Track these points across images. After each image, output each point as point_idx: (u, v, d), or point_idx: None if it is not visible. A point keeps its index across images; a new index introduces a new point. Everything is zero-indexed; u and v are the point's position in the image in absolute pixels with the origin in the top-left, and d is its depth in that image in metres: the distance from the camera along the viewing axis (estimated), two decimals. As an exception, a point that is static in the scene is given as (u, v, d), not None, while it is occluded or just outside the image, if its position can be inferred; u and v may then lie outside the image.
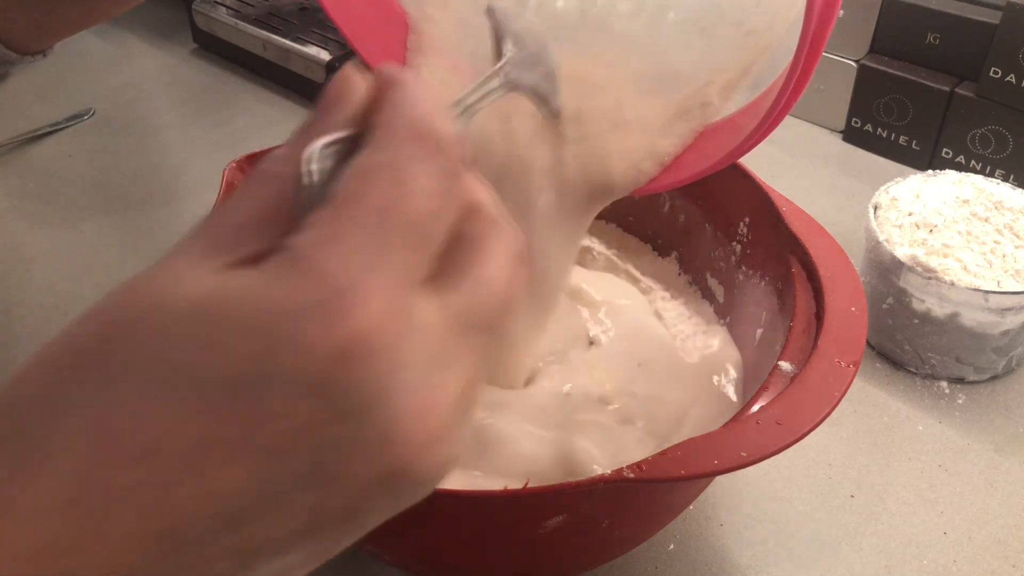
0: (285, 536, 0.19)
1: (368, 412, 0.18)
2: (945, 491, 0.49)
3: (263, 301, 0.18)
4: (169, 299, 0.18)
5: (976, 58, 0.68)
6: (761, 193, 0.49)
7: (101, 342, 0.18)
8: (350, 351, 0.18)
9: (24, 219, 0.71)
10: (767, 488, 0.49)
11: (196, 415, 0.18)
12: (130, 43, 0.96)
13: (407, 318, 0.19)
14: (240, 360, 0.18)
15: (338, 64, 0.80)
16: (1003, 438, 0.52)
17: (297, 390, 0.18)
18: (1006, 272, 0.52)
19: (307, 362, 0.18)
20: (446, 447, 0.20)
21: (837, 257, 0.44)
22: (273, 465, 0.18)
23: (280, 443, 0.18)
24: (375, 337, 0.18)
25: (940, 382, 0.55)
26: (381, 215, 0.19)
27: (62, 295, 0.63)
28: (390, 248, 0.19)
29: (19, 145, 0.78)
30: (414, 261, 0.19)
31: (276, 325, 0.18)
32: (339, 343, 0.18)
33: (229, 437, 0.18)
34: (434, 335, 0.19)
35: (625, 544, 0.43)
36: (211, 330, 0.18)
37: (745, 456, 0.34)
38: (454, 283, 0.20)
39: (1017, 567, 0.45)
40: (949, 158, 0.72)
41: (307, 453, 0.18)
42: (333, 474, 0.19)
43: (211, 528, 0.18)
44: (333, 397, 0.18)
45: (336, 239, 0.18)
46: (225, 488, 0.18)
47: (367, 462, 0.19)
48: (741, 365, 0.50)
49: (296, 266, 0.18)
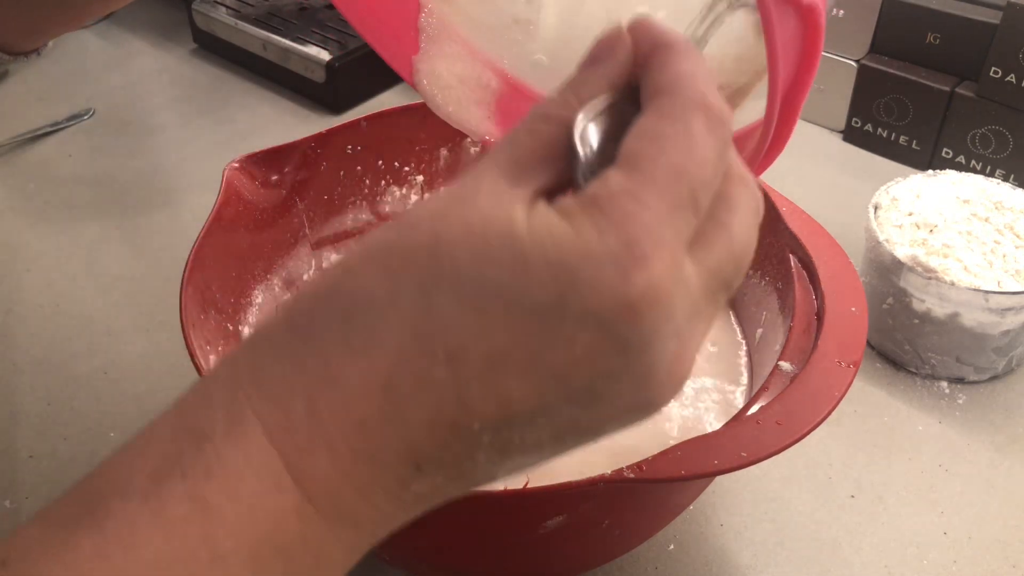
0: (541, 440, 0.22)
1: (640, 352, 0.21)
2: (945, 491, 0.49)
3: (571, 243, 0.20)
4: (489, 223, 0.21)
5: (976, 58, 0.68)
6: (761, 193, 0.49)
7: (428, 252, 0.21)
8: (639, 298, 0.20)
9: (24, 219, 0.71)
10: (767, 488, 0.49)
11: (500, 330, 0.20)
12: (130, 43, 0.96)
13: (681, 274, 0.21)
14: (546, 290, 0.20)
15: (337, 64, 0.80)
16: (1003, 438, 0.52)
17: (589, 324, 0.20)
18: (1006, 272, 0.52)
19: (602, 302, 0.20)
20: (682, 386, 0.23)
21: (837, 257, 0.44)
22: (554, 384, 0.21)
23: (565, 366, 0.21)
24: (660, 289, 0.20)
25: (940, 382, 0.55)
26: (674, 179, 0.21)
27: (62, 295, 0.63)
28: (679, 209, 0.21)
29: (19, 145, 0.78)
30: (693, 216, 0.21)
31: (581, 266, 0.20)
32: (631, 290, 0.20)
33: (523, 354, 0.21)
34: (694, 291, 0.21)
35: (625, 544, 0.43)
36: (526, 260, 0.20)
37: (745, 456, 0.34)
38: (711, 243, 0.22)
39: (1017, 567, 0.45)
40: (949, 158, 0.72)
41: (584, 378, 0.21)
42: (598, 399, 0.21)
43: (487, 427, 0.21)
44: (617, 335, 0.20)
45: (635, 196, 0.21)
46: (510, 396, 0.21)
47: (628, 393, 0.21)
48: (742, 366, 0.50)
49: (601, 214, 0.20)
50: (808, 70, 0.28)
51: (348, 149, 0.55)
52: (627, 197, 0.21)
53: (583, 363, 0.21)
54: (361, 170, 0.56)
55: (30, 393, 0.56)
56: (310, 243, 0.55)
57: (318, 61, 0.81)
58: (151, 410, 0.19)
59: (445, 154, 0.59)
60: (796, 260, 0.45)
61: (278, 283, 0.52)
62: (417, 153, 0.58)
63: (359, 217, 0.57)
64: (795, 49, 0.27)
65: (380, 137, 0.56)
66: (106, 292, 0.63)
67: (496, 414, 0.21)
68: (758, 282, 0.50)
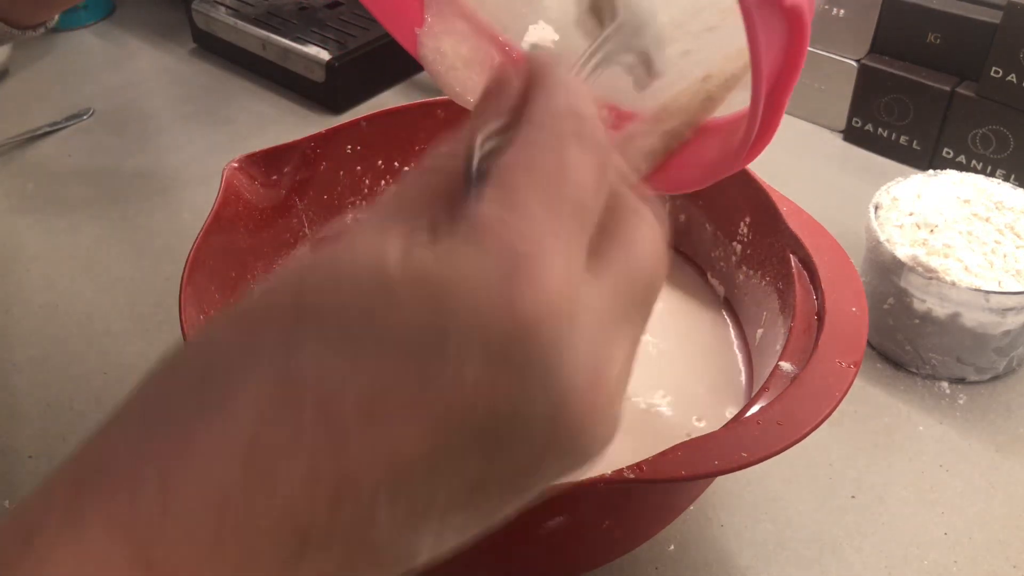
0: (454, 500, 0.19)
1: (543, 379, 0.18)
2: (946, 491, 0.49)
3: (446, 269, 0.18)
4: (356, 264, 0.19)
5: (977, 58, 0.68)
6: (761, 193, 0.49)
7: (291, 301, 0.19)
8: (526, 313, 0.18)
9: (24, 219, 0.71)
10: (767, 488, 0.49)
11: (374, 372, 0.18)
12: (130, 43, 0.96)
13: (576, 286, 0.19)
14: (420, 322, 0.18)
15: (337, 64, 0.80)
16: (1004, 438, 0.52)
17: (474, 352, 0.18)
18: (1007, 272, 0.52)
19: (485, 324, 0.18)
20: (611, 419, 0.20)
21: (838, 257, 0.44)
22: (447, 426, 0.18)
23: (455, 404, 0.18)
24: (551, 302, 0.18)
25: (941, 382, 0.55)
26: (550, 183, 0.20)
27: (62, 294, 0.63)
28: (561, 216, 0.19)
29: (19, 145, 0.78)
30: (580, 232, 0.20)
31: (457, 291, 0.18)
32: (516, 306, 0.18)
33: (404, 396, 0.18)
34: (601, 308, 0.20)
35: (625, 544, 0.43)
36: (395, 293, 0.18)
37: (745, 456, 0.34)
38: (609, 258, 0.21)
39: (1018, 567, 0.45)
40: (950, 158, 0.72)
41: (481, 416, 0.18)
42: (505, 439, 0.19)
43: (380, 486, 0.18)
44: (510, 360, 0.18)
45: (511, 207, 0.19)
46: (397, 445, 0.18)
47: (541, 430, 0.19)
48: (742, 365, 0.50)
49: (476, 234, 0.19)
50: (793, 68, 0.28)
51: (348, 149, 0.55)
52: (505, 210, 0.19)
53: (476, 400, 0.18)
54: (361, 170, 0.56)
55: (30, 393, 0.56)
56: (310, 243, 0.55)
57: (318, 61, 0.81)
58: (150, 410, 0.19)
59: (445, 154, 0.58)
60: (796, 260, 0.45)
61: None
62: (417, 153, 0.58)
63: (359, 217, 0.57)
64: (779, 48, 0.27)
65: (380, 137, 0.56)
66: (106, 292, 0.63)
67: (386, 468, 0.18)
68: (758, 282, 0.50)
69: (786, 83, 0.28)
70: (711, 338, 0.52)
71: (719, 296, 0.55)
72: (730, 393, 0.48)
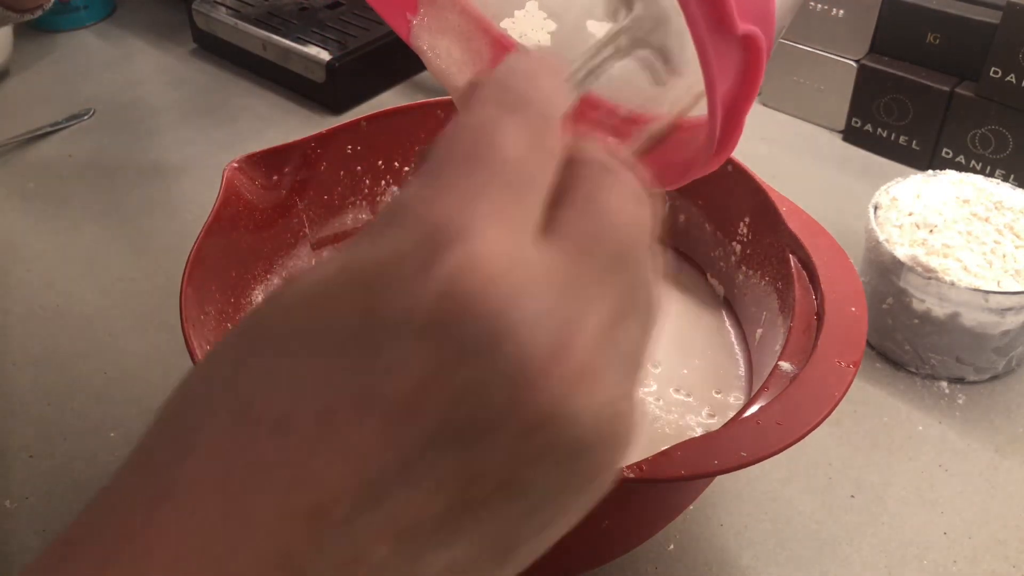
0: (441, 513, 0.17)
1: (493, 349, 0.17)
2: (945, 491, 0.49)
3: (364, 255, 0.17)
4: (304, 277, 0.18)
5: (976, 58, 0.68)
6: (761, 193, 0.49)
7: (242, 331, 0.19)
8: (458, 284, 0.17)
9: (24, 219, 0.71)
10: (767, 488, 0.49)
11: (317, 379, 0.17)
12: (130, 43, 0.96)
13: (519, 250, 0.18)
14: (350, 314, 0.17)
15: (337, 64, 0.80)
16: (1003, 438, 0.52)
17: (408, 333, 0.17)
18: (1006, 272, 0.52)
19: (413, 303, 0.17)
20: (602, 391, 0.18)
21: (837, 257, 0.44)
22: (402, 419, 0.17)
23: (401, 390, 0.17)
24: (483, 268, 0.17)
25: (940, 382, 0.55)
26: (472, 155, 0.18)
27: (62, 294, 0.63)
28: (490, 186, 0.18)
29: (19, 145, 0.78)
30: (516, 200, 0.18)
31: (379, 272, 0.17)
32: (444, 277, 0.17)
33: (351, 396, 0.17)
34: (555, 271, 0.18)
35: (625, 544, 0.43)
36: (321, 294, 0.18)
37: (745, 456, 0.34)
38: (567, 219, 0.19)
39: (1017, 567, 0.45)
40: (949, 158, 0.72)
41: (437, 403, 0.17)
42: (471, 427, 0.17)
43: (357, 502, 0.17)
44: (450, 336, 0.17)
45: (430, 183, 0.18)
46: (359, 452, 0.17)
47: (505, 410, 0.17)
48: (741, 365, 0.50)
49: (395, 215, 0.18)
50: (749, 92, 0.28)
51: (348, 149, 0.55)
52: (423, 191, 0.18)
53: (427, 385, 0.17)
54: (361, 170, 0.56)
55: (30, 393, 0.56)
56: (310, 243, 0.55)
57: (318, 61, 0.81)
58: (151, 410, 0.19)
59: (445, 154, 0.59)
60: (796, 260, 0.45)
61: (278, 283, 0.52)
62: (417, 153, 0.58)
63: (359, 217, 0.57)
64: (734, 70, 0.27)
65: (380, 137, 0.56)
66: (106, 292, 0.63)
67: (358, 481, 0.17)
68: (758, 282, 0.50)
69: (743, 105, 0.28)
70: (711, 338, 0.52)
71: (719, 296, 0.55)
72: (730, 393, 0.48)
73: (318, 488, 0.17)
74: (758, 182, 0.50)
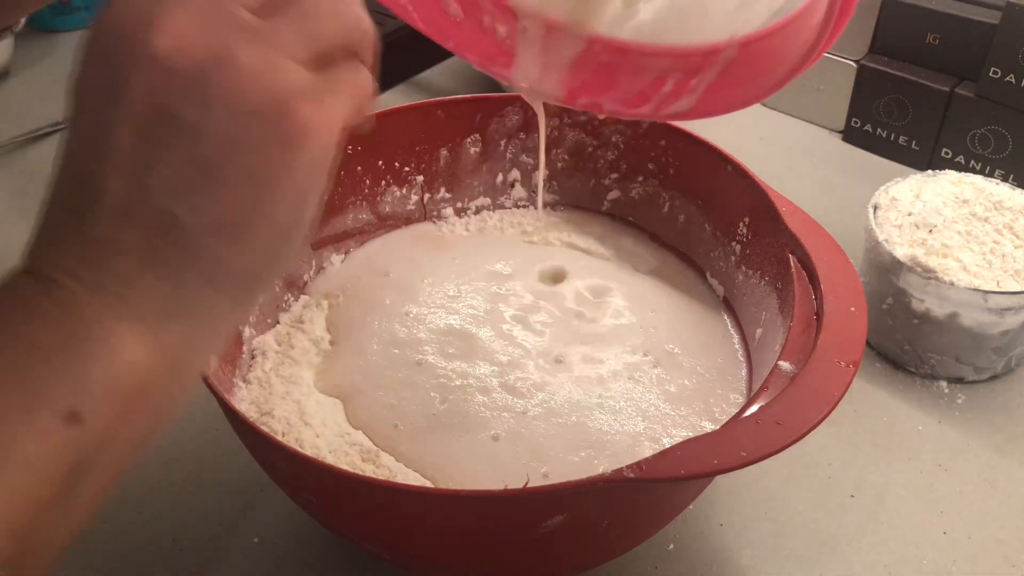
0: (178, 171, 0.26)
1: (106, 19, 0.26)
2: (945, 491, 0.49)
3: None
4: None
5: (976, 58, 0.68)
6: (761, 193, 0.49)
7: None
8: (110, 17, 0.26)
9: (24, 219, 0.70)
10: (767, 488, 0.49)
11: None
12: (130, 43, 0.96)
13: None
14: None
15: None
16: (1003, 438, 0.52)
17: (91, 47, 0.28)
18: (1005, 272, 0.52)
19: (95, 30, 0.27)
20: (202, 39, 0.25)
21: (837, 257, 0.44)
22: (116, 105, 0.27)
23: (109, 88, 0.27)
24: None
25: (940, 382, 0.55)
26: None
27: (62, 295, 0.63)
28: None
29: (19, 145, 0.78)
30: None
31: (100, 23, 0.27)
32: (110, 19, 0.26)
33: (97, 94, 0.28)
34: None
35: (625, 544, 0.43)
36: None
37: (745, 456, 0.34)
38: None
39: (1017, 567, 0.45)
40: (949, 158, 0.72)
41: (132, 98, 0.26)
42: (122, 82, 0.26)
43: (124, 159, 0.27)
44: (104, 32, 0.27)
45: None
46: (108, 130, 0.27)
47: (126, 58, 0.26)
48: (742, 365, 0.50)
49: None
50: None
51: (348, 149, 0.55)
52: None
53: (120, 87, 0.26)
54: (361, 170, 0.56)
55: (30, 393, 0.56)
56: (310, 243, 0.55)
57: (318, 61, 0.81)
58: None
59: (445, 154, 0.59)
60: (796, 260, 0.45)
61: (278, 282, 0.52)
62: (417, 153, 0.58)
63: (359, 217, 0.57)
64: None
65: (380, 137, 0.56)
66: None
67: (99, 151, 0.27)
68: (758, 282, 0.50)
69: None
70: (710, 338, 0.52)
71: (718, 296, 0.55)
72: (729, 393, 0.48)
73: (91, 151, 0.28)
74: (758, 182, 0.50)
